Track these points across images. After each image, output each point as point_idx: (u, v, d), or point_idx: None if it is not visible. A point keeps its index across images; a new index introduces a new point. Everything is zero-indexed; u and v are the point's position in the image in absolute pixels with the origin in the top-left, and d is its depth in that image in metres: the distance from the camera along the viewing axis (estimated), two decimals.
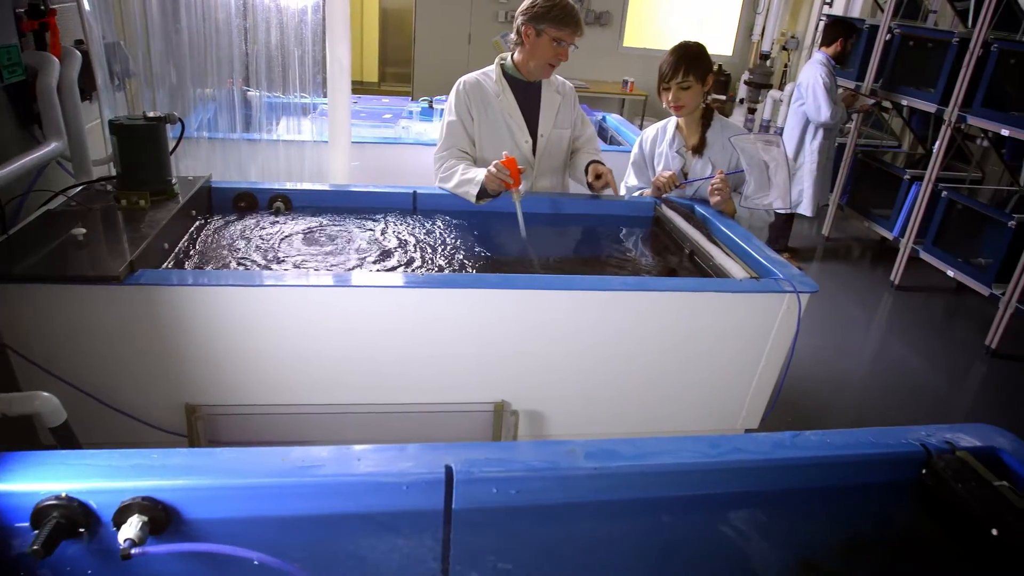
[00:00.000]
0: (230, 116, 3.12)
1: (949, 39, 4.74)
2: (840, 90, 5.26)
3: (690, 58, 2.45)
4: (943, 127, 4.66)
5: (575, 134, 2.72)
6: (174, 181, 2.20)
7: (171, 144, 2.21)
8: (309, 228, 2.29)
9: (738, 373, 2.04)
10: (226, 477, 1.08)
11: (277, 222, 2.32)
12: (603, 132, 4.72)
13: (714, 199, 2.44)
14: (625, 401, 2.05)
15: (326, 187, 2.57)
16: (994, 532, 1.15)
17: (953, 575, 1.29)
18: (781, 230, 5.23)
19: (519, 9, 2.45)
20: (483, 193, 2.38)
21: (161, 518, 1.02)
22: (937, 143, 4.75)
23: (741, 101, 7.32)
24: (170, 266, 1.95)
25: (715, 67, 7.76)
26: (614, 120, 4.77)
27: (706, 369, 2.03)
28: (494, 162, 2.28)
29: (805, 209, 5.15)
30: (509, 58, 2.57)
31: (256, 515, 1.10)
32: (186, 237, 2.13)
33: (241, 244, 2.14)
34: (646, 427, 2.07)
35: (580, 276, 1.88)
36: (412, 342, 1.88)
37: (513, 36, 2.50)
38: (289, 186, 2.49)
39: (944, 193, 4.68)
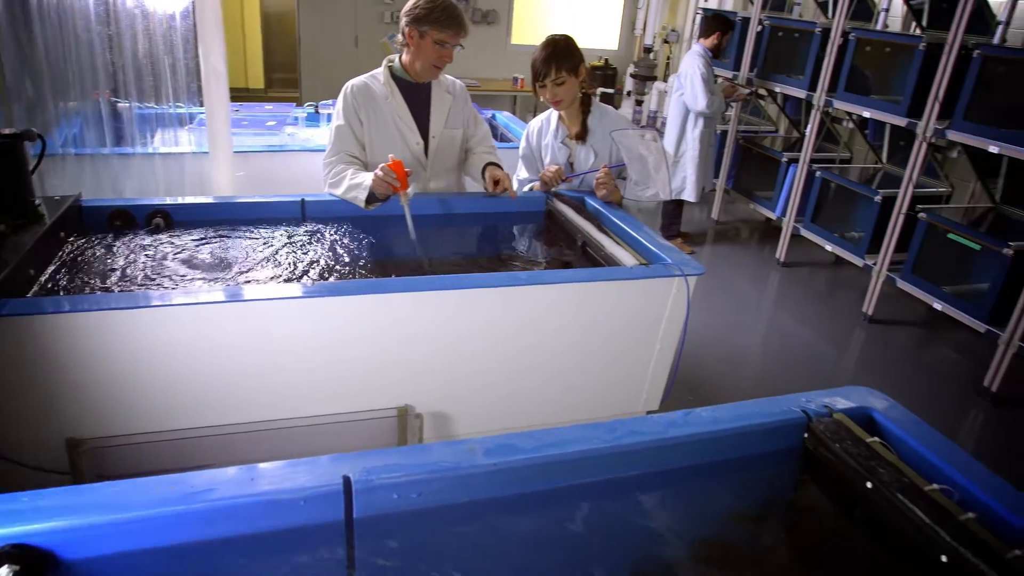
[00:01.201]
0: (99, 130, 2.93)
1: (812, 29, 5.05)
2: (719, 80, 5.50)
3: (560, 54, 2.50)
4: (813, 111, 4.96)
5: (468, 133, 2.72)
6: (38, 202, 2.06)
7: (32, 162, 2.06)
8: (193, 244, 2.19)
9: (636, 357, 2.10)
10: (109, 513, 1.02)
11: (157, 240, 2.21)
12: (493, 130, 4.75)
13: (600, 192, 2.51)
14: (529, 395, 2.07)
15: (209, 200, 2.46)
16: (868, 485, 1.24)
17: (838, 533, 1.38)
18: (672, 217, 5.42)
19: (403, 10, 2.42)
20: (372, 198, 2.34)
21: (35, 565, 0.95)
22: (809, 126, 5.05)
23: (628, 93, 7.53)
24: (39, 293, 1.82)
25: (601, 61, 7.98)
26: (504, 117, 4.81)
27: (605, 356, 2.08)
28: (380, 165, 2.26)
29: (689, 195, 5.35)
30: (397, 60, 2.54)
31: (148, 547, 1.04)
32: (56, 261, 2.00)
33: (119, 265, 2.02)
34: (552, 418, 2.10)
35: (473, 274, 1.89)
36: (309, 353, 1.83)
37: (399, 38, 2.48)
38: (169, 201, 2.37)
39: (818, 173, 4.98)
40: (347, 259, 2.18)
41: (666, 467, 1.31)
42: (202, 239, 2.23)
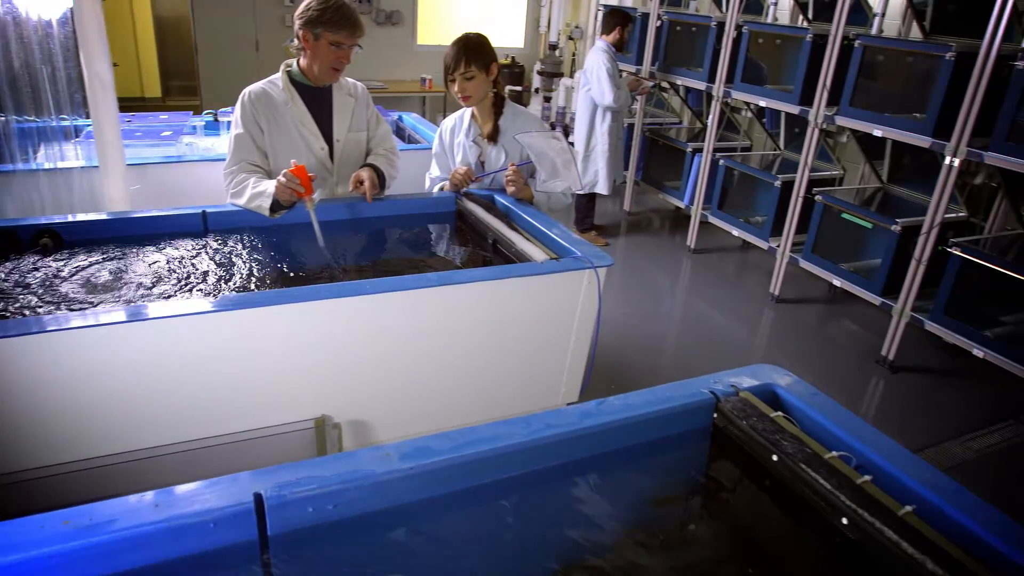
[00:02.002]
0: None
1: (708, 23, 5.22)
2: (623, 74, 5.62)
3: (470, 49, 2.51)
4: (713, 102, 5.14)
5: (371, 134, 2.69)
6: None
7: None
8: (87, 263, 2.08)
9: (552, 350, 2.12)
10: None
11: (46, 261, 2.08)
12: (400, 132, 4.69)
13: (510, 190, 2.54)
14: (448, 395, 2.07)
15: (102, 216, 2.34)
16: (775, 457, 1.29)
17: (752, 506, 1.44)
18: (586, 210, 5.51)
19: (296, 13, 2.37)
20: (277, 205, 2.28)
21: None
22: (710, 117, 5.23)
23: (536, 91, 7.61)
24: None
25: (508, 59, 8.02)
26: (411, 119, 4.76)
27: (521, 351, 2.09)
28: (283, 171, 2.20)
29: (601, 188, 5.44)
30: (295, 64, 2.48)
31: None
32: None
33: (4, 290, 1.89)
34: (472, 416, 2.10)
35: (384, 279, 1.86)
36: (219, 369, 1.77)
37: (295, 42, 2.42)
38: (57, 219, 2.24)
39: (721, 162, 5.16)
40: (254, 270, 2.12)
41: (584, 456, 1.33)
42: (97, 258, 2.11)
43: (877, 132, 3.97)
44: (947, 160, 3.58)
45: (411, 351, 1.95)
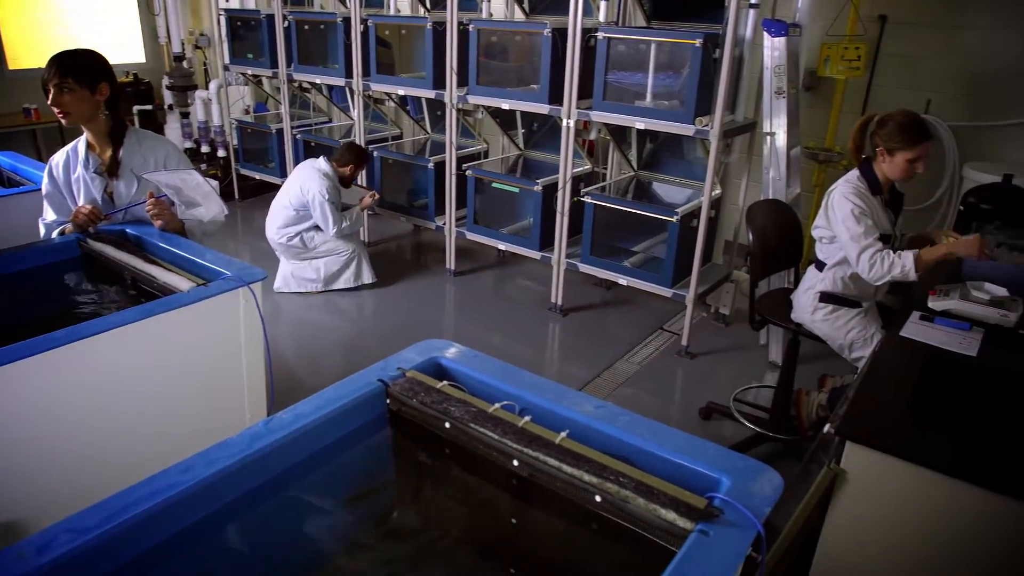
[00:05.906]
0: None
1: (334, 19, 5.24)
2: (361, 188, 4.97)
3: (68, 60, 2.22)
4: (356, 96, 5.20)
5: None
6: None
7: None
8: None
9: (226, 376, 2.00)
10: None
11: None
12: None
13: (157, 224, 2.31)
14: (116, 456, 1.83)
15: None
16: (447, 425, 1.37)
17: (438, 474, 1.51)
18: None
19: None
20: None
21: None
22: (357, 111, 5.29)
23: (171, 107, 7.00)
24: None
25: (129, 76, 7.25)
26: (6, 159, 4.01)
27: (192, 386, 1.94)
28: None
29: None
30: None
31: None
32: None
33: None
34: (158, 465, 1.90)
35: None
36: None
37: None
38: None
39: (376, 153, 5.27)
40: None
41: (266, 479, 1.27)
42: None
43: (505, 105, 4.36)
44: (564, 122, 4.07)
45: (54, 423, 1.68)
